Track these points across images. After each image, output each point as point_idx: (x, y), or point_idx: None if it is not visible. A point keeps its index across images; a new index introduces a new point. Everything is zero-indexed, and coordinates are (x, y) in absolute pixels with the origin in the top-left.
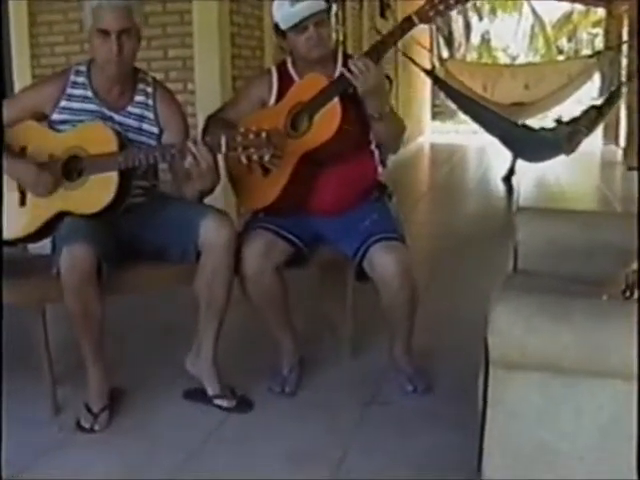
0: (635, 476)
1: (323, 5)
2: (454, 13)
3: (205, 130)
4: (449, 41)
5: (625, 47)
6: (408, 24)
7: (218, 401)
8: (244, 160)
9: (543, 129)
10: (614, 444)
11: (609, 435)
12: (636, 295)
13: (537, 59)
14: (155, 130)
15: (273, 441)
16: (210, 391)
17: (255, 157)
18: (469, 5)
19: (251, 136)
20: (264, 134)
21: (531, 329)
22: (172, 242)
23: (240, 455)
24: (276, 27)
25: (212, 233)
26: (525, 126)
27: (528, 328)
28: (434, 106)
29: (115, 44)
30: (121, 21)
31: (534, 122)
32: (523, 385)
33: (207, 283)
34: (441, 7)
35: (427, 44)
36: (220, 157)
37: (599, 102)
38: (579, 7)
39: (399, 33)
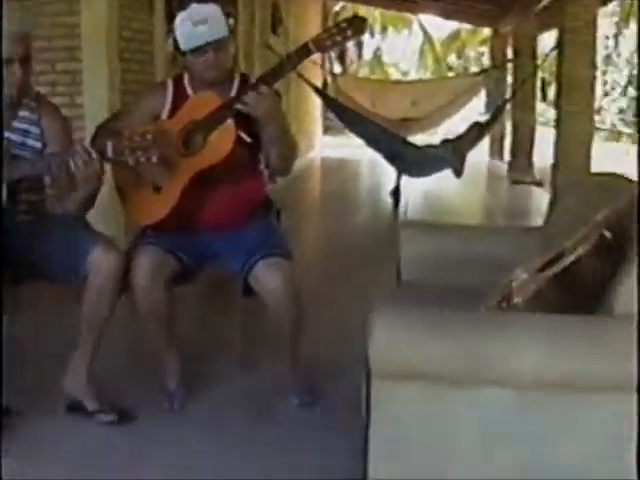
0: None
1: (225, 32)
2: None
3: (94, 139)
4: (342, 57)
5: (509, 65)
6: (305, 52)
7: (99, 417)
8: (132, 162)
9: (429, 146)
10: (493, 449)
11: (488, 440)
12: (512, 303)
13: (427, 75)
14: (38, 145)
15: (160, 457)
16: (89, 407)
17: (143, 159)
18: None
19: (137, 138)
20: (149, 135)
21: (409, 341)
22: (59, 265)
23: (127, 468)
24: (175, 43)
25: (100, 260)
26: (409, 143)
27: (406, 340)
28: (325, 119)
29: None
30: (21, 49)
31: (422, 139)
32: (403, 396)
33: (92, 306)
34: (338, 38)
35: (319, 60)
36: (109, 170)
37: (483, 119)
38: (467, 26)
39: (295, 60)
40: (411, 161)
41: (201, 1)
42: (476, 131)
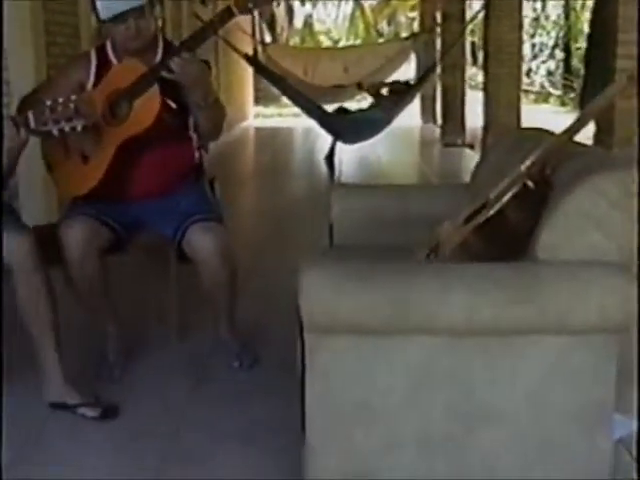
0: None
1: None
2: None
3: (19, 111)
4: (272, 26)
5: (438, 29)
6: (227, 14)
7: (82, 410)
8: (55, 133)
9: (360, 110)
10: (424, 396)
11: (419, 388)
12: (440, 255)
13: (358, 42)
14: None
15: (106, 425)
16: (71, 402)
17: (67, 129)
18: None
19: (59, 108)
20: (72, 104)
21: (339, 293)
22: None
23: (74, 440)
24: (97, 14)
25: (12, 251)
26: (341, 110)
27: (336, 292)
28: (257, 90)
29: None
30: None
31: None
32: (335, 348)
33: (31, 308)
34: None
35: (249, 29)
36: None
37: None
38: None
39: (218, 23)
40: (344, 127)
41: None
42: (403, 91)
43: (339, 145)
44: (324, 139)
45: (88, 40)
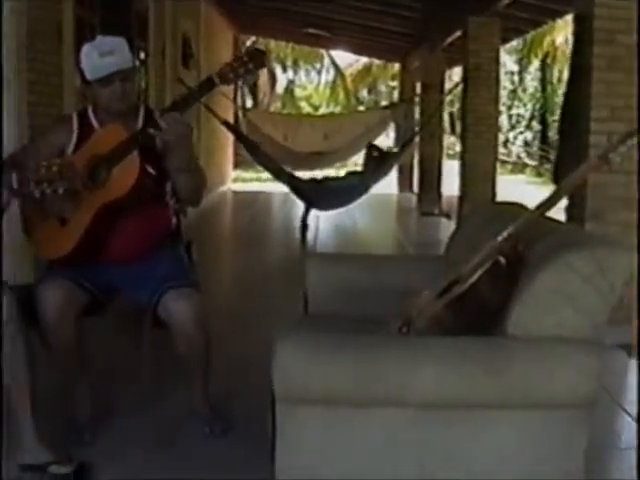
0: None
1: (130, 62)
2: None
3: (1, 172)
4: (254, 91)
5: (417, 99)
6: (209, 84)
7: (53, 468)
8: (37, 195)
9: (334, 178)
10: (393, 468)
11: (389, 460)
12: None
13: (338, 109)
14: None
15: None
16: (42, 459)
17: (48, 192)
18: (273, 56)
19: (43, 170)
20: (55, 167)
21: (311, 364)
22: None
23: None
24: (82, 74)
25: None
26: (313, 179)
27: (309, 363)
28: (236, 155)
29: None
30: None
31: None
32: (306, 418)
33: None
34: (241, 70)
35: (231, 94)
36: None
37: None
38: (378, 61)
39: (200, 93)
40: (318, 195)
41: (107, 34)
42: (381, 160)
43: (317, 212)
44: (300, 205)
45: (71, 101)
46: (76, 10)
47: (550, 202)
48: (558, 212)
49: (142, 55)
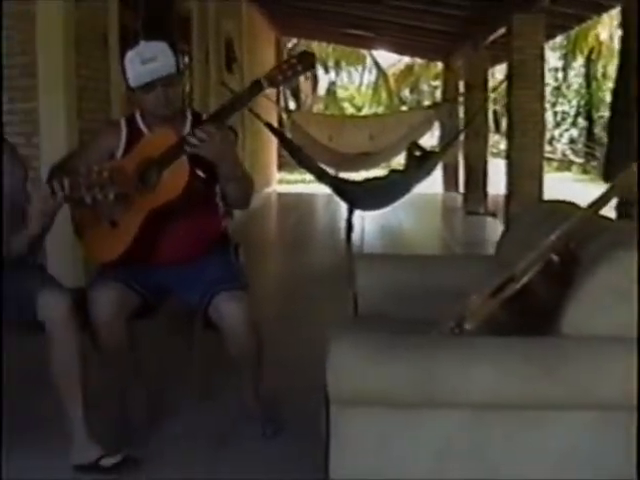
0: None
1: (173, 68)
2: None
3: (49, 178)
4: (296, 93)
5: (461, 98)
6: (257, 88)
7: (103, 461)
8: (89, 201)
9: (375, 178)
10: (447, 470)
11: (442, 462)
12: (465, 328)
13: (380, 110)
14: None
15: None
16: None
17: (100, 197)
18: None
19: (94, 175)
20: (106, 172)
21: (367, 364)
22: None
23: None
24: (126, 81)
25: (50, 308)
26: (353, 181)
27: (364, 363)
28: (280, 157)
29: None
30: None
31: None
32: (359, 419)
33: (62, 366)
34: (289, 73)
35: (274, 97)
36: (67, 208)
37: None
38: (420, 60)
39: (248, 97)
40: (360, 196)
41: (150, 39)
42: (422, 159)
43: (363, 213)
44: (344, 206)
45: (119, 106)
46: (121, 15)
47: (603, 200)
48: (609, 210)
49: (185, 59)
